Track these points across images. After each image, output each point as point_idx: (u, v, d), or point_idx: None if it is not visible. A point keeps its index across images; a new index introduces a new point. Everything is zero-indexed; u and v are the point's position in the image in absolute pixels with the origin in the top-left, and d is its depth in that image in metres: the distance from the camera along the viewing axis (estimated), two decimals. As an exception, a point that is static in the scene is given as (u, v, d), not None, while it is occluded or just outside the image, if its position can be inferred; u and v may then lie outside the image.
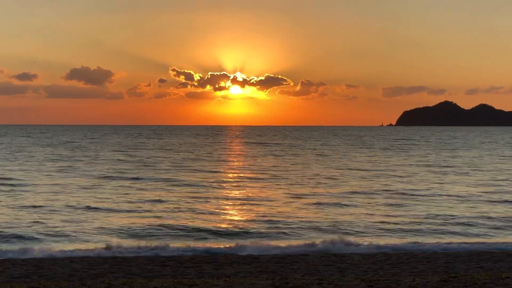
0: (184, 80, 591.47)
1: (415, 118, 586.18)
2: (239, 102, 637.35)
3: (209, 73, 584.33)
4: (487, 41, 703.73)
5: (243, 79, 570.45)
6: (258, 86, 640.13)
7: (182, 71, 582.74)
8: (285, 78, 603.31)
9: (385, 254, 22.12)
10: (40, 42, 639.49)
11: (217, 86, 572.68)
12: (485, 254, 21.99)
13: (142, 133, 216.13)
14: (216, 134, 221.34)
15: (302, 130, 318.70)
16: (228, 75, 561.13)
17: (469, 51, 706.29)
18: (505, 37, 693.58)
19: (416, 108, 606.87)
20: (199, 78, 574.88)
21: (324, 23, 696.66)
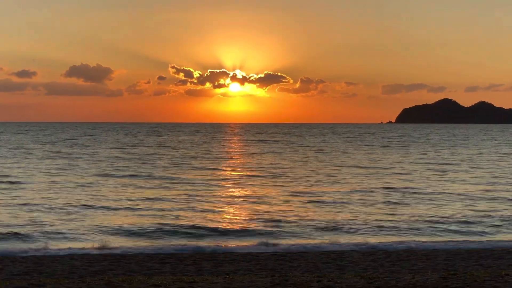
0: (184, 78, 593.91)
1: (415, 116, 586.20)
2: (239, 100, 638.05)
3: (209, 71, 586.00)
4: (487, 39, 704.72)
5: (243, 77, 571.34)
6: (258, 84, 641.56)
7: (182, 69, 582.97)
8: (285, 76, 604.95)
9: (385, 252, 22.12)
10: (40, 40, 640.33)
11: (217, 84, 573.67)
12: (485, 252, 21.99)
13: (141, 131, 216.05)
14: (216, 132, 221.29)
15: (302, 128, 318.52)
16: (228, 73, 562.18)
17: (469, 49, 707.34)
18: (505, 35, 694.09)
19: (416, 106, 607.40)
20: (199, 76, 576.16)
21: (324, 21, 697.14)
